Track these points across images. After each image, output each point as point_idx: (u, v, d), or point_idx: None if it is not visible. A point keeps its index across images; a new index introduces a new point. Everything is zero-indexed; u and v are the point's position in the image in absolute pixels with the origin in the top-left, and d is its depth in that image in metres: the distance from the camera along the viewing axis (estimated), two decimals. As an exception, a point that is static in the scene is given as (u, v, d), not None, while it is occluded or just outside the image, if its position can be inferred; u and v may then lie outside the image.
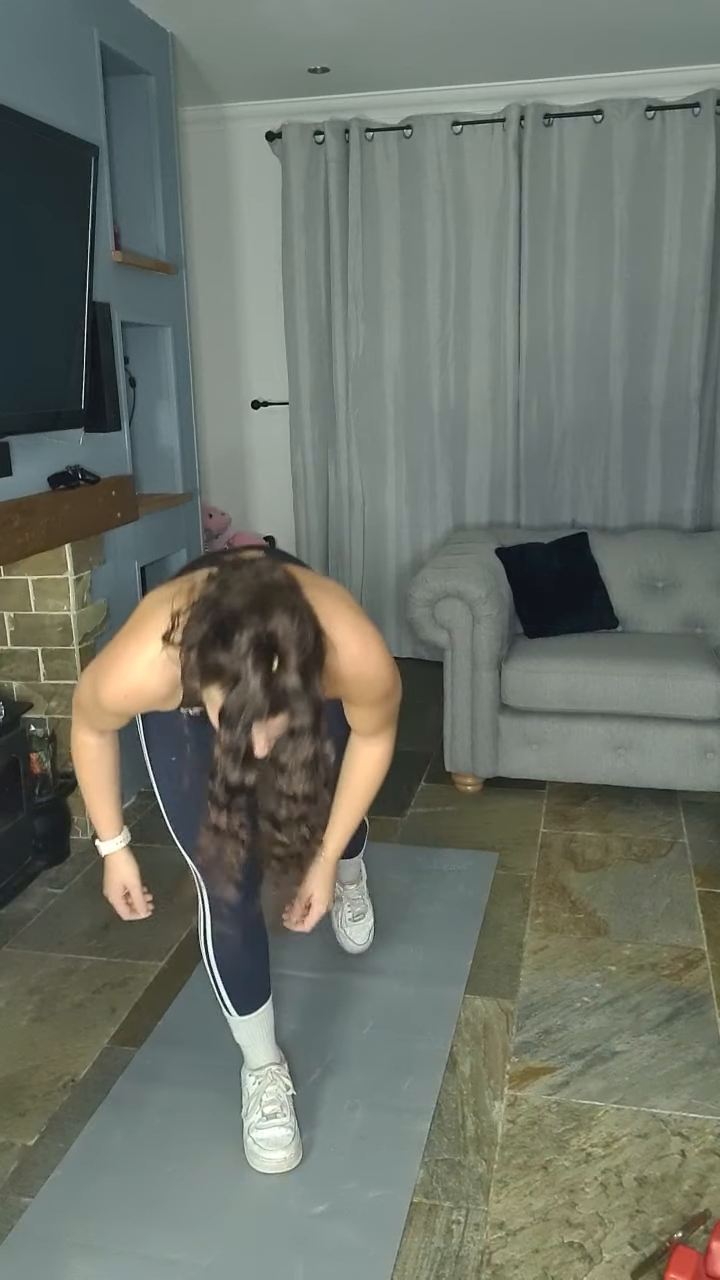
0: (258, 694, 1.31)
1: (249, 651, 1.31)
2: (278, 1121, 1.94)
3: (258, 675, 1.31)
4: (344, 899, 2.57)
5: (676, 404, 4.32)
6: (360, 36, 3.65)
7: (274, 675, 1.32)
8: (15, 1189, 1.88)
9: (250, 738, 1.35)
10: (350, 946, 2.57)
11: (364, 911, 2.61)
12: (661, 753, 3.32)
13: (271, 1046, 2.05)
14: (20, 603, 3.12)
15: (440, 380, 4.53)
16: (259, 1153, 1.92)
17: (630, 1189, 1.84)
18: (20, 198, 2.55)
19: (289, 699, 1.34)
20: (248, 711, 1.32)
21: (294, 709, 1.36)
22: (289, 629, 1.33)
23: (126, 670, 1.57)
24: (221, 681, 1.33)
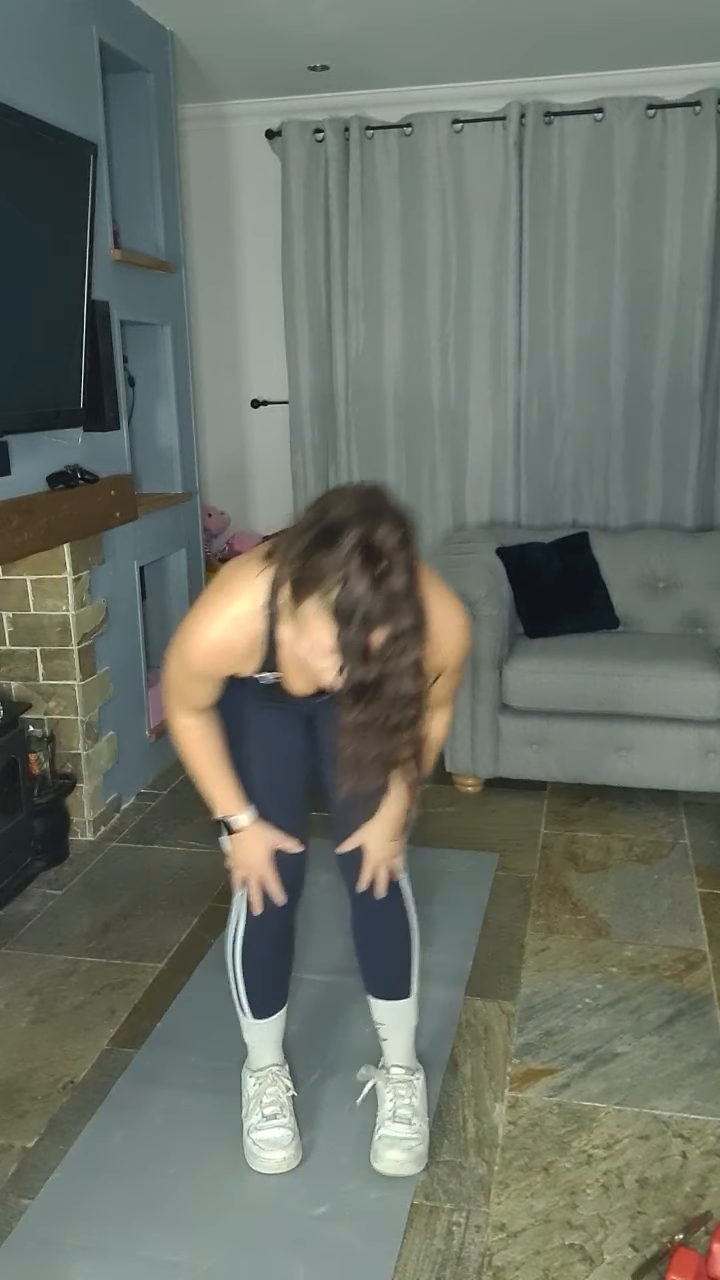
0: (367, 594, 1.34)
1: (355, 550, 1.34)
2: (277, 1122, 1.94)
3: (365, 576, 1.33)
4: (385, 1091, 1.97)
5: (678, 403, 4.31)
6: (360, 34, 3.64)
7: (380, 577, 1.34)
8: (15, 1191, 1.87)
9: (365, 636, 1.36)
10: (380, 1164, 1.89)
11: (410, 1120, 1.92)
12: (663, 753, 3.31)
13: (278, 1049, 2.04)
14: (19, 603, 3.11)
15: (440, 380, 4.52)
16: (258, 1153, 1.91)
17: (631, 1190, 1.84)
18: (19, 196, 2.55)
19: (395, 601, 1.36)
20: (360, 610, 1.34)
21: (399, 611, 1.37)
22: (392, 535, 1.36)
23: (211, 627, 1.60)
24: (326, 586, 1.35)
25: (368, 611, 1.34)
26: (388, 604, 1.35)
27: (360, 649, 1.37)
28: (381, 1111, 1.95)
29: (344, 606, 1.35)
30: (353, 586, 1.34)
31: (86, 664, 3.17)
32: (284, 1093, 1.99)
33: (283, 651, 1.61)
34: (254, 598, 1.57)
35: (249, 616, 1.57)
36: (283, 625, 1.57)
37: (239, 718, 1.82)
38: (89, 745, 3.22)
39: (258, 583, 1.56)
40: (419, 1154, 1.90)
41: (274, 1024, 2.01)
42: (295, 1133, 1.94)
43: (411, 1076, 1.99)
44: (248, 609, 1.57)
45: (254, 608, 1.57)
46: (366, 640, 1.37)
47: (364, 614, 1.34)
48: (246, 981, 1.96)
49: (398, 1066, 2.00)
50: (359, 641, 1.36)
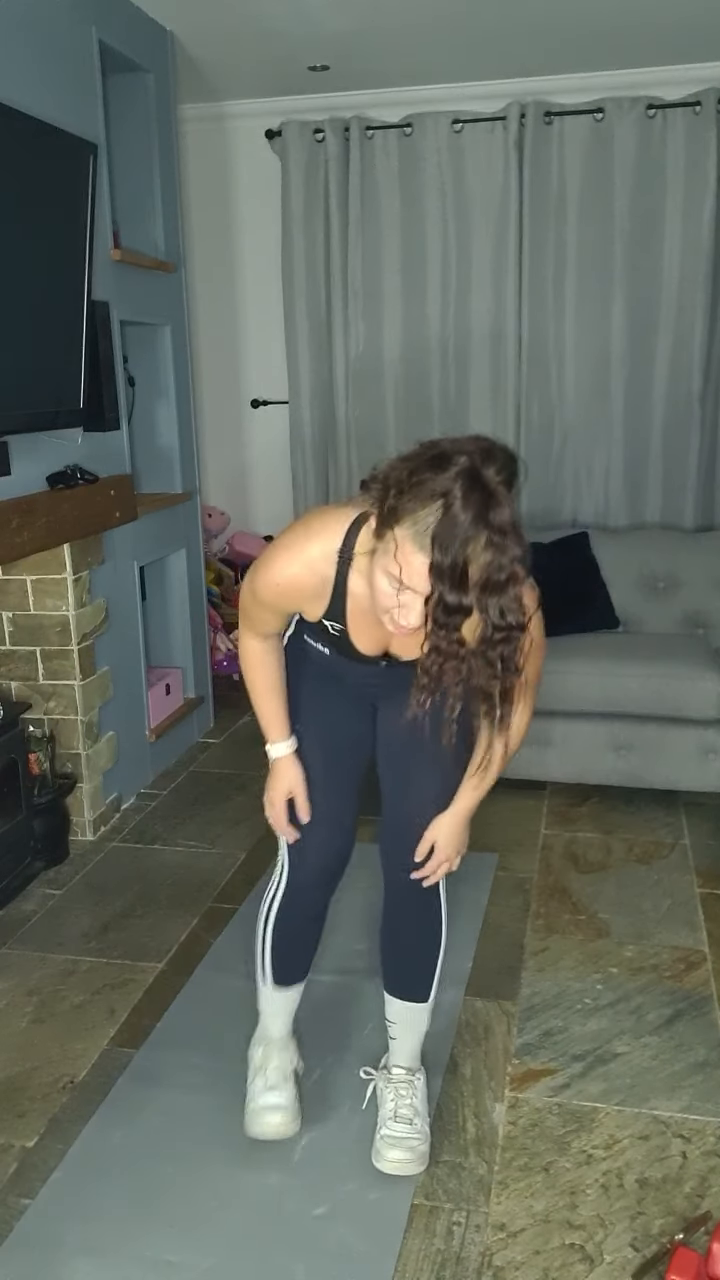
0: (467, 519, 1.33)
1: (462, 476, 1.34)
2: (278, 1091, 1.99)
3: (471, 502, 1.33)
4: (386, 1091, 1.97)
5: (678, 403, 4.32)
6: (360, 34, 3.64)
7: (485, 505, 1.33)
8: (15, 1190, 1.87)
9: (463, 559, 1.34)
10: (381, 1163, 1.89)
11: (412, 1121, 1.91)
12: (663, 753, 3.31)
13: (288, 1023, 2.08)
14: (19, 603, 3.11)
15: (440, 380, 4.52)
16: (257, 1118, 1.96)
17: (631, 1191, 1.84)
18: (19, 196, 2.55)
19: (498, 533, 1.34)
20: (461, 535, 1.33)
21: (503, 544, 1.35)
22: (499, 475, 1.36)
23: (283, 565, 1.64)
24: (427, 510, 1.34)
25: (469, 537, 1.33)
26: (491, 533, 1.34)
27: (455, 572, 1.34)
28: (383, 1111, 1.95)
29: (445, 530, 1.33)
30: (458, 511, 1.33)
31: (86, 664, 3.17)
32: (288, 1064, 2.03)
33: (350, 602, 1.63)
34: (331, 541, 1.59)
35: (322, 559, 1.60)
36: (355, 575, 1.60)
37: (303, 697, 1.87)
38: (89, 745, 3.22)
39: (336, 528, 1.59)
40: (421, 1153, 1.90)
41: (290, 996, 2.04)
42: (294, 1102, 1.99)
43: (412, 1077, 1.99)
44: (321, 552, 1.60)
45: (328, 551, 1.59)
46: (463, 566, 1.34)
47: (464, 538, 1.33)
48: (274, 949, 1.99)
49: (399, 1067, 2.00)
50: (456, 563, 1.34)
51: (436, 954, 1.97)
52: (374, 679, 1.79)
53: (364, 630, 1.67)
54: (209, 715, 4.22)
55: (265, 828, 3.32)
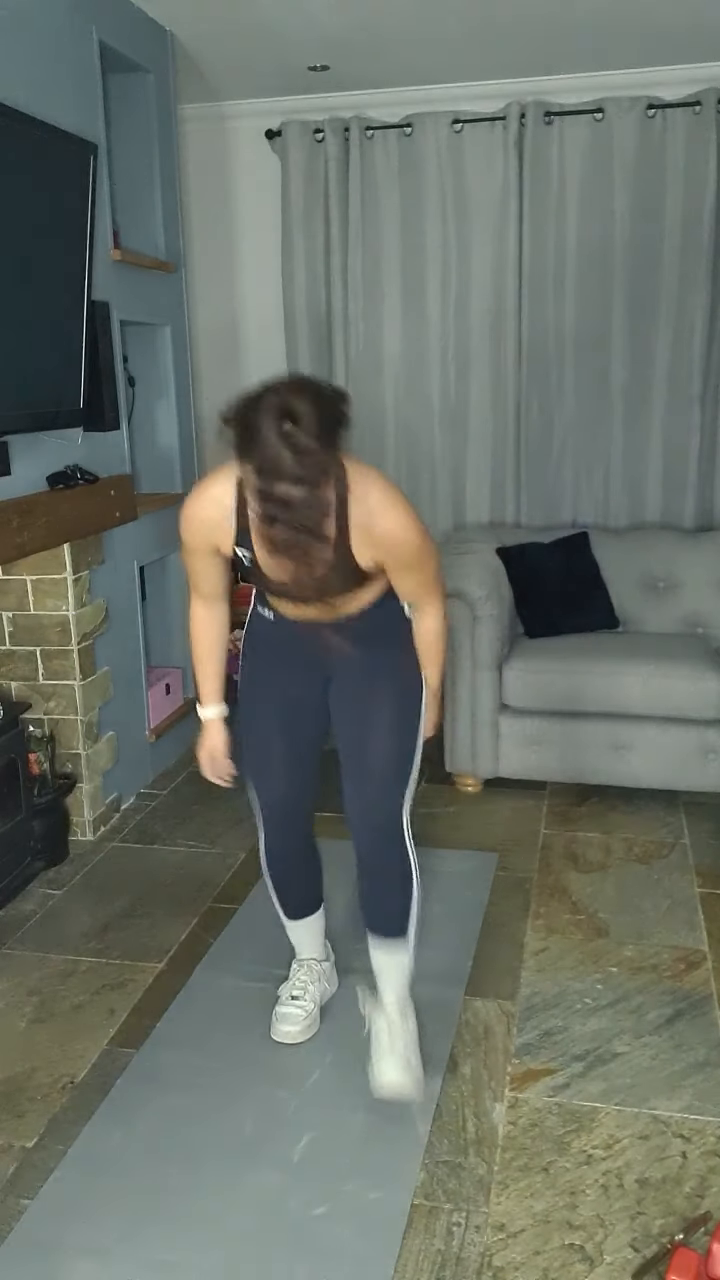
0: (277, 444, 1.61)
1: (269, 409, 1.63)
2: (297, 1003, 2.27)
3: (274, 429, 1.61)
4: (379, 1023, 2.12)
5: (677, 403, 4.31)
6: (360, 34, 3.64)
7: (289, 432, 1.61)
8: (15, 1191, 1.87)
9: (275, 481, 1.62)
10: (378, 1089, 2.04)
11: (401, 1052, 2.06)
12: (662, 753, 3.31)
13: (316, 944, 2.36)
14: (19, 603, 3.11)
15: (440, 379, 4.52)
16: (275, 1025, 2.26)
17: (631, 1191, 1.84)
18: (19, 196, 2.55)
19: (300, 450, 1.61)
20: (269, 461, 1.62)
21: (302, 461, 1.61)
22: (305, 404, 1.63)
23: (193, 503, 1.91)
24: (251, 441, 1.64)
25: (276, 461, 1.61)
26: (295, 457, 1.61)
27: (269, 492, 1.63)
28: (379, 1045, 2.08)
29: (261, 455, 1.63)
30: (264, 440, 1.62)
31: (86, 664, 3.17)
32: (312, 981, 2.31)
33: (254, 533, 1.80)
34: (227, 478, 1.85)
35: (222, 493, 1.85)
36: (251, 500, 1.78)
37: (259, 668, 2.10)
38: (89, 745, 3.22)
39: (231, 467, 1.82)
40: (415, 1079, 2.04)
41: (307, 925, 2.33)
42: (310, 1014, 2.27)
43: (404, 1012, 2.13)
44: (220, 488, 1.86)
45: (226, 485, 1.85)
46: (275, 486, 1.62)
47: (273, 463, 1.61)
48: (275, 889, 2.28)
49: (392, 1005, 2.13)
50: (269, 486, 1.63)
51: (410, 897, 2.11)
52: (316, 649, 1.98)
53: (266, 559, 1.83)
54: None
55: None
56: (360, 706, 2.04)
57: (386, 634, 2.02)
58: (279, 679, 2.09)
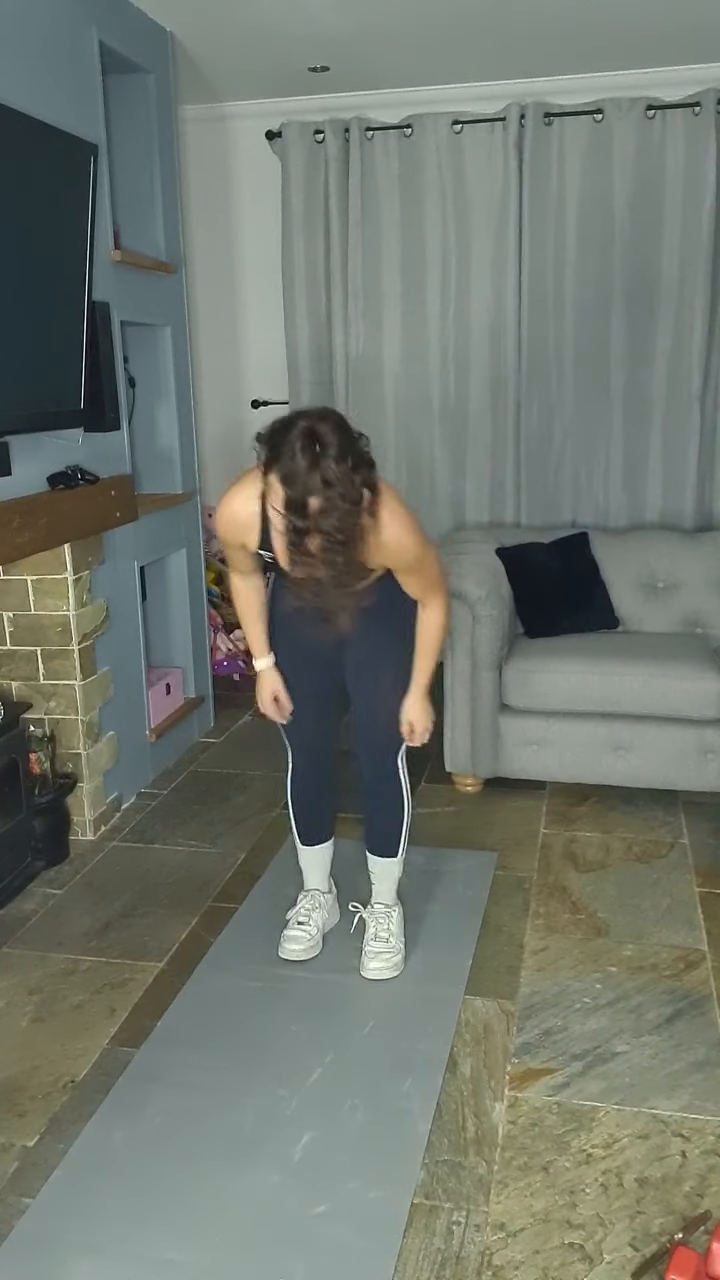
0: (303, 468, 1.82)
1: (300, 434, 1.84)
2: (303, 927, 2.57)
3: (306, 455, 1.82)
4: (369, 920, 2.56)
5: (677, 403, 4.32)
6: (360, 35, 3.65)
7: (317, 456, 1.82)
8: (15, 1190, 1.87)
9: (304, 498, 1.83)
10: (365, 972, 2.49)
11: (388, 939, 2.53)
12: (662, 753, 3.31)
13: (322, 877, 2.66)
14: (19, 603, 3.11)
15: (440, 380, 4.52)
16: (283, 945, 2.55)
17: (631, 1190, 1.84)
18: (20, 197, 2.55)
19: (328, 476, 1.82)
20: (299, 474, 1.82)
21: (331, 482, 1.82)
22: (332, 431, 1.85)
23: (224, 508, 2.16)
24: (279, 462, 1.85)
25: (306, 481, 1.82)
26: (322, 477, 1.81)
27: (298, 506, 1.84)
28: (366, 934, 2.53)
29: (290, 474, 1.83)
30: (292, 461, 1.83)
31: (87, 664, 3.18)
32: (315, 908, 2.61)
33: (274, 534, 2.03)
34: (252, 488, 2.06)
35: (248, 500, 2.09)
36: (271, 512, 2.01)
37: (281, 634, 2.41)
38: (89, 745, 3.22)
39: (255, 477, 2.03)
40: (394, 962, 2.48)
41: (318, 853, 2.64)
42: (313, 936, 2.57)
43: (390, 910, 2.56)
44: (246, 496, 2.09)
45: (251, 495, 2.07)
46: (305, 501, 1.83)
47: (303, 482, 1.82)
48: (295, 816, 2.61)
49: (380, 903, 2.58)
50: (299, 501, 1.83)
51: (401, 819, 2.53)
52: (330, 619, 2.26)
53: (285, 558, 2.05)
54: (209, 715, 4.22)
55: (265, 828, 3.34)
56: (369, 666, 2.40)
57: (389, 605, 2.27)
58: (302, 641, 2.37)
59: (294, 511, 1.85)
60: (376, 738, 2.46)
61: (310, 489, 1.82)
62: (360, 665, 2.42)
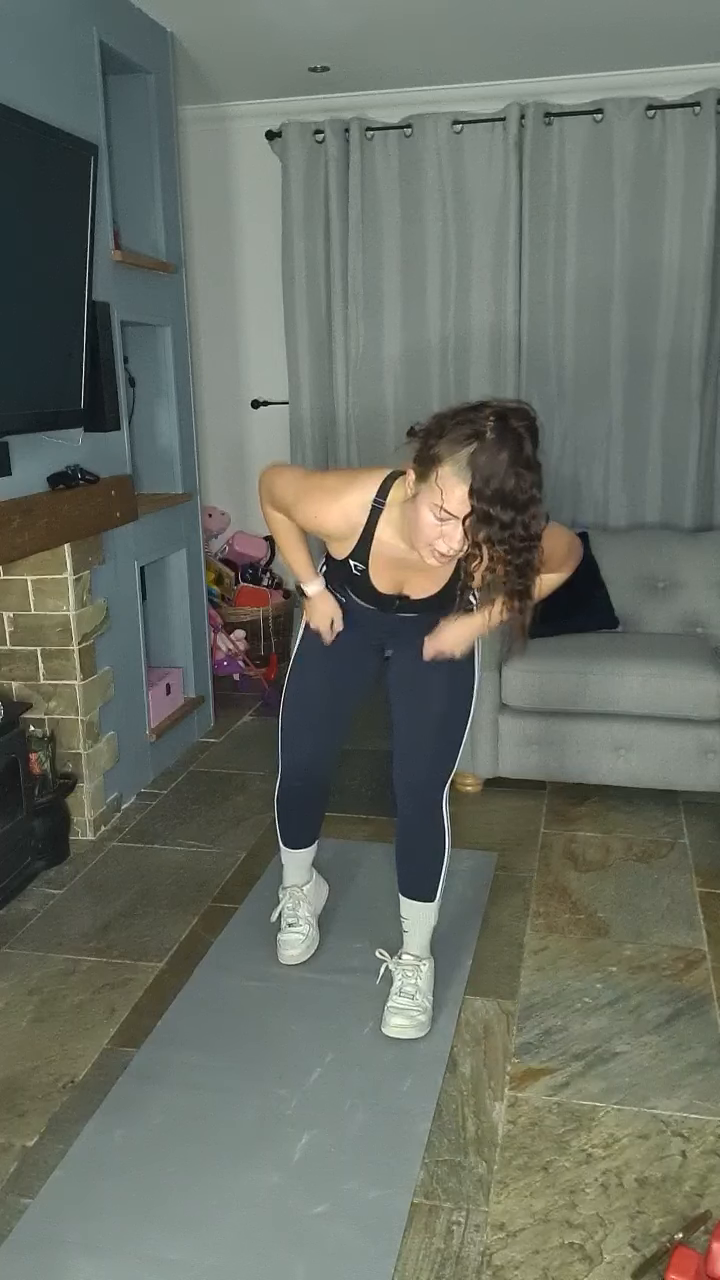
0: (497, 451, 1.64)
1: (493, 416, 1.66)
2: (294, 929, 2.53)
3: (500, 438, 1.64)
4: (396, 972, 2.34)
5: (677, 403, 4.32)
6: (360, 35, 3.65)
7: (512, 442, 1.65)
8: (15, 1190, 1.87)
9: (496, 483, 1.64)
10: (385, 1029, 2.26)
11: (414, 995, 2.28)
12: (662, 753, 3.31)
13: (304, 872, 2.58)
14: (20, 603, 3.11)
15: (440, 380, 4.53)
16: (280, 951, 2.51)
17: (631, 1190, 1.84)
18: (20, 197, 2.55)
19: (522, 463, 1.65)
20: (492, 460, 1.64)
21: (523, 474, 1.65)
22: (522, 423, 1.68)
23: (324, 505, 1.97)
24: (467, 445, 1.65)
25: (499, 464, 1.63)
26: (517, 463, 1.64)
27: (489, 493, 1.64)
28: (392, 988, 2.32)
29: (481, 460, 1.64)
30: (490, 444, 1.64)
31: (87, 664, 3.18)
32: (302, 902, 2.55)
33: (375, 546, 1.96)
34: (366, 492, 1.92)
35: (358, 507, 1.93)
36: (384, 523, 1.93)
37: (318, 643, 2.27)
38: (89, 745, 3.22)
39: (372, 482, 1.93)
40: (419, 1022, 2.26)
41: (301, 856, 2.55)
42: (306, 937, 2.53)
43: (419, 963, 2.34)
44: (358, 501, 1.94)
45: (364, 500, 1.92)
46: (496, 488, 1.64)
47: (496, 465, 1.63)
48: (280, 821, 2.52)
49: (409, 954, 2.35)
50: (489, 487, 1.64)
51: (441, 861, 2.30)
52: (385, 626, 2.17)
53: (382, 571, 2.01)
54: (209, 715, 4.22)
55: (265, 828, 3.33)
56: (417, 690, 2.22)
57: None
58: (341, 653, 2.27)
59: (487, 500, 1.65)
60: (420, 771, 2.24)
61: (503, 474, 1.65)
62: (408, 690, 2.23)
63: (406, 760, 2.26)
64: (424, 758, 2.23)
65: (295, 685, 2.36)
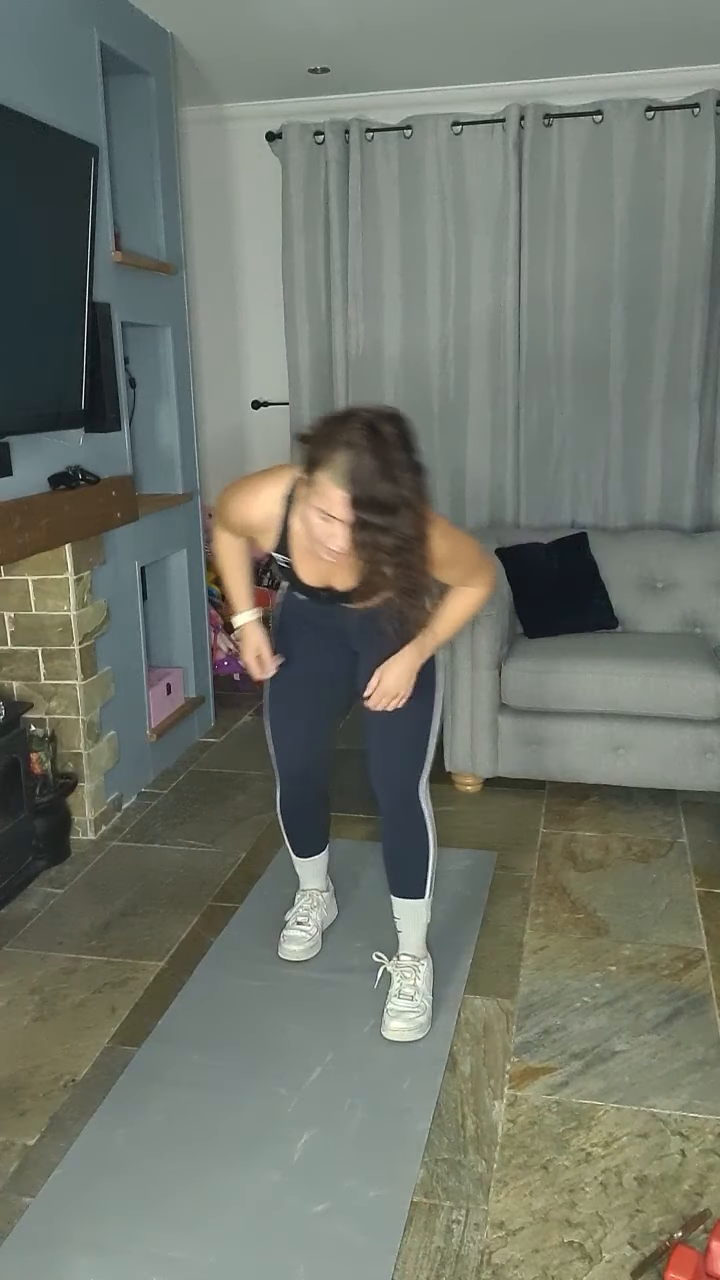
0: (367, 459, 1.72)
1: (361, 426, 1.75)
2: (302, 927, 2.56)
3: (369, 447, 1.73)
4: (394, 974, 2.36)
5: (676, 404, 4.33)
6: (360, 36, 3.65)
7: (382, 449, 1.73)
8: (16, 1189, 1.88)
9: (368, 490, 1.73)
10: (385, 1032, 2.27)
11: (413, 997, 2.30)
12: (661, 753, 3.32)
13: (318, 878, 2.63)
14: (20, 603, 3.12)
15: (440, 381, 4.53)
16: (283, 945, 2.55)
17: (630, 1189, 1.85)
18: (20, 198, 2.56)
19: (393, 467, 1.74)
20: (363, 468, 1.72)
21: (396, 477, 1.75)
22: (393, 430, 1.77)
23: (245, 499, 2.07)
24: (339, 454, 1.74)
25: (370, 471, 1.72)
26: (387, 469, 1.73)
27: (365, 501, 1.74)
28: (390, 990, 2.33)
29: (353, 469, 1.73)
30: (360, 454, 1.73)
31: (88, 664, 3.18)
32: (313, 908, 2.59)
33: (293, 539, 2.03)
34: (279, 488, 2.01)
35: (271, 500, 2.02)
36: (295, 517, 1.99)
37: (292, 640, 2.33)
38: (90, 745, 3.23)
39: (285, 477, 2.01)
40: (418, 1024, 2.27)
41: (312, 862, 2.61)
42: (312, 936, 2.56)
43: (417, 963, 2.37)
44: (271, 495, 2.02)
45: (276, 495, 2.01)
46: (370, 495, 1.73)
47: (367, 473, 1.72)
48: (287, 830, 2.55)
49: (406, 955, 2.37)
50: (365, 495, 1.73)
51: (426, 859, 2.32)
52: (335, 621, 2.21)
53: (305, 563, 2.08)
54: (209, 715, 4.23)
55: (265, 827, 3.34)
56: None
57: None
58: (311, 653, 2.32)
59: (368, 510, 1.74)
60: (394, 766, 2.27)
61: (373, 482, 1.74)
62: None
63: (379, 758, 2.28)
64: (396, 754, 2.26)
65: (274, 692, 2.40)
